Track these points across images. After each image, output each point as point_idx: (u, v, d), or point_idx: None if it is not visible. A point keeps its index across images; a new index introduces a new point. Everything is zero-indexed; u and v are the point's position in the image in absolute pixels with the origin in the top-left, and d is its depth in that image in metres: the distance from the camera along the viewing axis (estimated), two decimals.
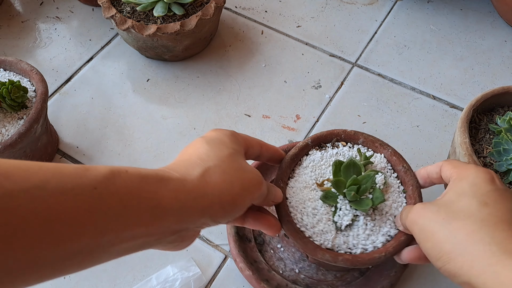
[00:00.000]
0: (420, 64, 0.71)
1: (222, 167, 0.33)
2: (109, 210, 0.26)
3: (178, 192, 0.30)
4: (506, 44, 0.73)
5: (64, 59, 0.73)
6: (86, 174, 0.26)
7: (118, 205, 0.26)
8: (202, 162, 0.33)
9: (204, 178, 0.32)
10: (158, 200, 0.28)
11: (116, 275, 0.53)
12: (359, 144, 0.47)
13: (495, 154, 0.49)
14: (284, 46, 0.74)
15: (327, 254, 0.39)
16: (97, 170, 0.26)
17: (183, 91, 0.69)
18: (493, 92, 0.52)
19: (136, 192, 0.28)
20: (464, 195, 0.34)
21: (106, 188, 0.26)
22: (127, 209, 0.27)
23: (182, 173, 0.31)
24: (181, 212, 0.30)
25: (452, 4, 0.78)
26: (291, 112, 0.66)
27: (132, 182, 0.28)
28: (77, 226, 0.24)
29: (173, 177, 0.30)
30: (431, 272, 0.53)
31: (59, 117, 0.67)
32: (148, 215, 0.28)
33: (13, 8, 0.80)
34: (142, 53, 0.72)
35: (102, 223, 0.25)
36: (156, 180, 0.29)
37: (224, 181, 0.32)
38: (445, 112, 0.66)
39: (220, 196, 0.32)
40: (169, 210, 0.29)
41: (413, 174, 0.44)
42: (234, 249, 0.51)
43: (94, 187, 0.25)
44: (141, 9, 0.65)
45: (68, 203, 0.24)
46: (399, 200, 0.43)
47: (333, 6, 0.79)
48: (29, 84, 0.58)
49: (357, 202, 0.41)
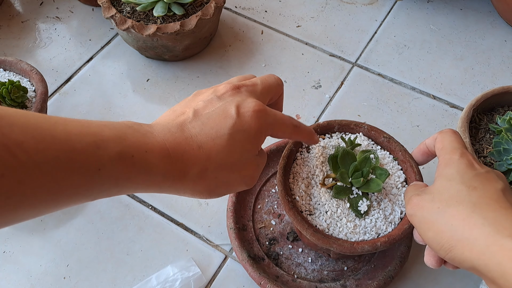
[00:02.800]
0: (420, 64, 0.71)
1: (223, 166, 0.35)
2: (107, 190, 0.30)
3: (168, 188, 0.33)
4: (506, 44, 0.73)
5: (64, 59, 0.73)
6: (95, 154, 0.28)
7: (114, 187, 0.30)
8: (204, 162, 0.33)
9: (197, 178, 0.34)
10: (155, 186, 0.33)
11: (116, 275, 0.53)
12: (335, 131, 0.48)
13: (495, 154, 0.49)
14: (284, 46, 0.74)
15: (365, 246, 0.40)
16: (107, 150, 0.29)
17: (183, 91, 0.69)
18: (493, 92, 0.52)
19: (134, 179, 0.31)
20: (454, 181, 0.35)
21: (109, 172, 0.29)
22: (121, 189, 0.31)
23: (177, 169, 0.33)
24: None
25: (452, 4, 0.78)
26: (291, 111, 0.66)
27: (133, 171, 0.30)
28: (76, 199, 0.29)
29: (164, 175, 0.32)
30: (431, 270, 0.53)
31: None
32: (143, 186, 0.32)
33: (13, 8, 0.80)
34: (142, 53, 0.72)
35: (103, 193, 0.30)
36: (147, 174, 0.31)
37: (208, 186, 0.35)
38: (445, 112, 0.66)
39: (199, 194, 0.35)
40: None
41: (395, 140, 0.46)
42: (254, 274, 0.49)
43: (99, 168, 0.28)
44: (141, 9, 0.65)
45: (73, 181, 0.27)
46: (395, 169, 0.45)
47: (333, 6, 0.79)
48: (29, 84, 0.58)
49: (367, 186, 0.42)
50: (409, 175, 0.44)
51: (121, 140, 0.30)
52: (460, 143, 0.38)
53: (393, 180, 0.44)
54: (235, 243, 0.51)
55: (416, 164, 0.45)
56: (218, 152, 0.33)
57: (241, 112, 0.34)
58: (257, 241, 0.53)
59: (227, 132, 0.34)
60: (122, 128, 0.31)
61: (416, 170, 0.44)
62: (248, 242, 0.53)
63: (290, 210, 0.42)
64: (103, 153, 0.28)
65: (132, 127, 0.32)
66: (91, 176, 0.28)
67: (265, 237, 0.53)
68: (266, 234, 0.54)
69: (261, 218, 0.55)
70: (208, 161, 0.33)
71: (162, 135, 0.32)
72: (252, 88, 0.37)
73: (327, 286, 0.50)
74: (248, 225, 0.54)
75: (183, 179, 0.33)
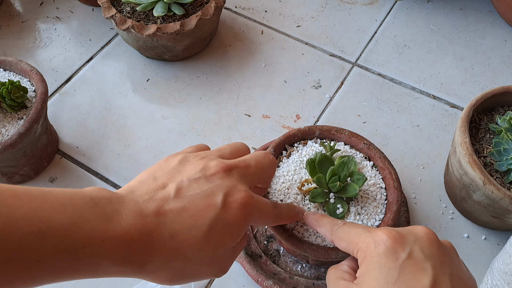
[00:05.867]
0: (420, 64, 0.71)
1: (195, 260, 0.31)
2: (52, 280, 0.26)
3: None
4: (506, 43, 0.73)
5: (64, 59, 0.73)
6: (36, 245, 0.25)
7: (58, 278, 0.27)
8: (172, 253, 0.29)
9: (159, 268, 0.30)
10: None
11: None
12: (316, 137, 0.48)
13: (495, 154, 0.49)
14: (284, 46, 0.74)
15: (340, 252, 0.40)
16: (52, 240, 0.25)
17: (183, 91, 0.69)
18: (493, 92, 0.52)
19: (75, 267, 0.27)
20: (377, 283, 0.31)
21: (51, 264, 0.26)
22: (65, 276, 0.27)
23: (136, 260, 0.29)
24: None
25: (452, 4, 0.78)
26: (291, 112, 0.66)
27: (82, 263, 0.27)
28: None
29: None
30: None
31: (59, 117, 0.67)
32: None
33: (13, 8, 0.80)
34: (142, 53, 0.72)
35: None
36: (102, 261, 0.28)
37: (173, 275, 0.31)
38: (445, 111, 0.66)
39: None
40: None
41: (375, 147, 0.46)
42: (252, 271, 0.50)
43: (38, 260, 0.25)
44: (141, 9, 0.65)
45: (6, 272, 0.24)
46: (374, 175, 0.45)
47: (333, 6, 0.79)
48: (29, 84, 0.58)
49: (344, 191, 0.42)
50: (388, 182, 0.45)
51: (75, 227, 0.26)
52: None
53: (371, 186, 0.44)
54: None
55: (395, 171, 0.45)
56: (191, 245, 0.30)
57: (228, 202, 0.31)
58: (255, 238, 0.53)
59: (207, 224, 0.30)
60: (82, 209, 0.27)
61: (394, 177, 0.44)
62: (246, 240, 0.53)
63: None
64: (46, 243, 0.25)
65: (97, 204, 0.28)
66: (29, 268, 0.25)
67: (262, 234, 0.54)
68: (263, 232, 0.54)
69: None
70: (178, 252, 0.29)
71: (130, 219, 0.28)
72: (245, 171, 0.34)
73: (324, 283, 0.50)
74: None
75: (141, 270, 0.29)
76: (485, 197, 0.48)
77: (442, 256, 0.31)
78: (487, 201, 0.48)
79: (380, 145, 0.62)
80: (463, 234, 0.56)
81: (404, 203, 0.55)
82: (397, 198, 0.43)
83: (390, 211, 0.42)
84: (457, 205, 0.56)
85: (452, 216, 0.57)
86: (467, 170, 0.47)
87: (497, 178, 0.48)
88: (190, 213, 0.30)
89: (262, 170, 0.36)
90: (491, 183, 0.46)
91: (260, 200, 0.34)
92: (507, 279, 0.44)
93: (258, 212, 0.33)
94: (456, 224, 0.56)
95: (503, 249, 0.46)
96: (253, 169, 0.34)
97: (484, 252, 0.54)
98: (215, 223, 0.30)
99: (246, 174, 0.34)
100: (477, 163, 0.47)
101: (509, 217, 0.49)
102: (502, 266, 0.45)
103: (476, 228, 0.56)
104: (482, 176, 0.46)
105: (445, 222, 0.56)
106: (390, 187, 0.44)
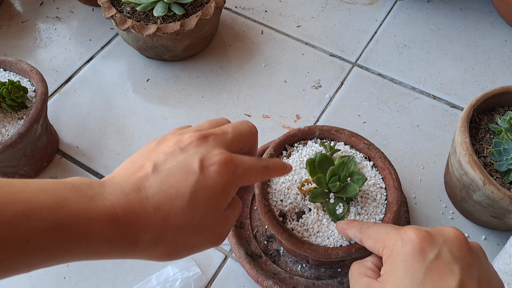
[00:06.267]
0: (420, 64, 0.71)
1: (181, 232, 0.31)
2: (42, 262, 0.27)
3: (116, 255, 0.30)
4: (506, 43, 0.73)
5: (64, 59, 0.73)
6: (23, 225, 0.26)
7: (50, 260, 0.27)
8: (160, 225, 0.30)
9: (152, 243, 0.30)
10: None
11: (116, 275, 0.53)
12: (316, 137, 0.48)
13: (495, 154, 0.49)
14: (284, 46, 0.74)
15: (340, 252, 0.40)
16: (38, 220, 0.26)
17: (183, 91, 0.69)
18: (493, 92, 0.52)
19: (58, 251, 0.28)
20: (402, 283, 0.31)
21: (40, 244, 0.26)
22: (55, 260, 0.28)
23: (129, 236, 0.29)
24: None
25: (452, 4, 0.78)
26: (291, 112, 0.66)
27: (72, 243, 0.27)
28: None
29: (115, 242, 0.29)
30: None
31: (59, 117, 0.67)
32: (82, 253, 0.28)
33: (13, 8, 0.80)
34: (142, 53, 0.72)
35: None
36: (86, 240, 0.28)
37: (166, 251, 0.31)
38: (446, 111, 0.66)
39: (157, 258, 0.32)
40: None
41: (376, 147, 0.46)
42: (252, 271, 0.50)
43: (27, 241, 0.26)
44: (141, 9, 0.65)
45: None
46: (374, 175, 0.45)
47: (333, 6, 0.79)
48: (29, 84, 0.58)
49: (344, 191, 0.42)
50: (388, 182, 0.45)
51: (59, 207, 0.27)
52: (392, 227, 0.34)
53: (371, 186, 0.44)
54: (233, 241, 0.52)
55: (395, 171, 0.45)
56: (177, 214, 0.30)
57: (205, 166, 0.31)
58: (255, 238, 0.53)
59: (188, 191, 0.30)
60: (64, 192, 0.28)
61: (394, 177, 0.44)
62: (246, 240, 0.53)
63: (266, 214, 0.42)
64: (33, 224, 0.26)
65: (79, 188, 0.28)
66: (18, 250, 0.25)
67: (262, 234, 0.54)
68: (263, 232, 0.54)
69: (258, 216, 0.55)
70: (166, 224, 0.30)
71: (113, 198, 0.29)
72: (221, 137, 0.33)
73: (324, 283, 0.50)
74: (246, 223, 0.54)
75: (135, 247, 0.29)
76: (485, 197, 0.48)
77: (470, 258, 0.31)
78: (487, 201, 0.48)
79: (380, 145, 0.62)
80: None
81: (404, 203, 0.55)
82: (397, 198, 0.43)
83: (390, 211, 0.42)
84: (457, 205, 0.56)
85: (452, 216, 0.57)
86: (467, 170, 0.47)
87: (497, 178, 0.48)
88: (169, 184, 0.30)
89: (241, 136, 0.35)
90: (491, 183, 0.46)
91: (244, 157, 0.33)
92: (507, 279, 0.44)
93: (242, 168, 0.32)
94: (456, 224, 0.56)
95: (503, 249, 0.46)
96: (230, 134, 0.34)
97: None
98: (196, 189, 0.30)
99: (223, 140, 0.33)
100: (477, 163, 0.47)
101: (509, 217, 0.49)
102: (502, 266, 0.45)
103: (476, 228, 0.56)
104: (482, 176, 0.46)
105: (445, 222, 0.56)
106: (390, 187, 0.44)
